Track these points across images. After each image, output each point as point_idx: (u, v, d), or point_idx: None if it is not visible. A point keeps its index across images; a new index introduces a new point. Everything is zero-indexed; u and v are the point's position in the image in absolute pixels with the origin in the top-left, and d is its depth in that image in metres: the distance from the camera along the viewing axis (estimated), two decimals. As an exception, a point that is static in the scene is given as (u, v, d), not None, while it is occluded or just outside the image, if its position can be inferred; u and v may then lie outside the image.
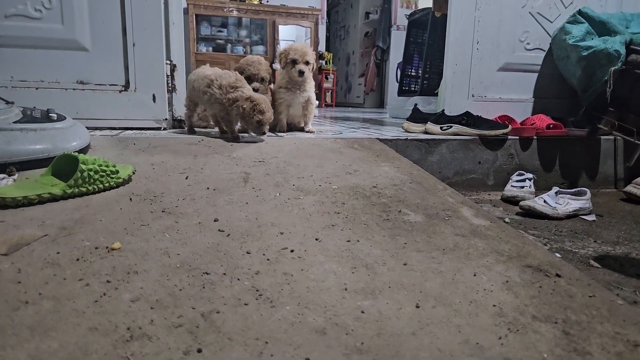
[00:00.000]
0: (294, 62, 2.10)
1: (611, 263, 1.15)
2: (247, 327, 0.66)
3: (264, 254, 0.90)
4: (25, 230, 0.93)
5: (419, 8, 5.30)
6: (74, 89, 1.96)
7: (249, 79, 2.05)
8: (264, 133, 1.77)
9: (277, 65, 2.29)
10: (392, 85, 6.54)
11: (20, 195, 1.04)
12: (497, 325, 0.70)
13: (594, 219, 1.63)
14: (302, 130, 2.34)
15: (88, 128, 1.72)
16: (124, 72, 2.01)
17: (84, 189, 1.13)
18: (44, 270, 0.79)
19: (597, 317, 0.74)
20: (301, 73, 2.09)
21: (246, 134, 1.98)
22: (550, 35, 2.48)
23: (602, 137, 2.25)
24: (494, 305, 0.75)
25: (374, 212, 1.17)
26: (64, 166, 1.17)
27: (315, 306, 0.73)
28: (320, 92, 7.16)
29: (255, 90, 2.03)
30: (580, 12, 2.25)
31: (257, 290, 0.76)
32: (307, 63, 2.11)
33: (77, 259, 0.83)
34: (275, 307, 0.72)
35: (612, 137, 2.26)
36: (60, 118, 1.43)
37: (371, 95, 7.54)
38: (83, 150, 1.45)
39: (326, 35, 8.06)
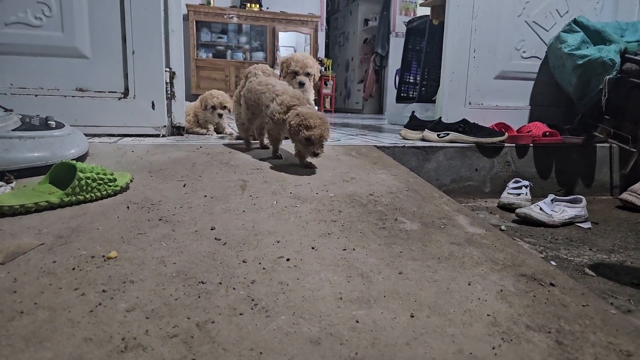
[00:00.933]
0: (295, 73, 2.11)
1: (606, 271, 1.16)
2: (242, 338, 0.67)
3: (260, 263, 0.90)
4: (22, 238, 0.94)
5: (417, 16, 5.34)
6: (73, 96, 1.97)
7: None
8: (316, 154, 1.44)
9: (276, 72, 2.30)
10: (391, 92, 6.57)
11: (18, 203, 1.05)
12: (491, 335, 0.70)
13: (590, 226, 1.64)
14: (300, 137, 2.34)
15: (87, 135, 1.73)
16: (123, 79, 2.02)
17: (81, 197, 1.13)
18: (39, 280, 0.79)
19: (591, 326, 0.74)
20: (301, 85, 2.11)
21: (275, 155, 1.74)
22: (546, 44, 2.50)
23: (597, 144, 2.27)
24: (488, 315, 0.76)
25: (371, 220, 1.17)
26: (62, 174, 1.17)
27: (310, 316, 0.73)
28: (319, 98, 7.18)
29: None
30: (575, 21, 2.28)
31: (252, 300, 0.77)
32: (307, 74, 2.12)
33: (73, 268, 0.83)
34: (270, 317, 0.72)
35: (607, 145, 2.27)
36: (59, 126, 1.43)
37: (370, 101, 7.57)
38: (81, 158, 1.46)
39: (325, 41, 8.10)
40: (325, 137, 1.42)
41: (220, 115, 2.40)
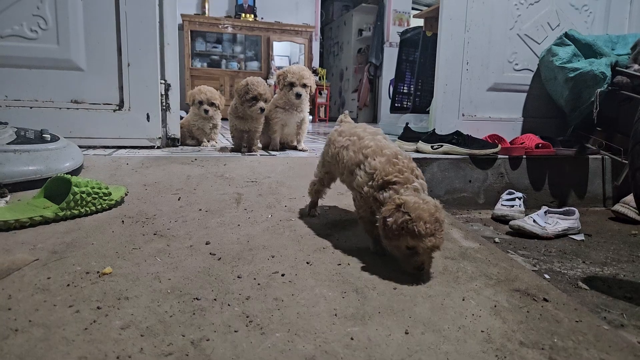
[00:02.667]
0: (292, 84, 2.13)
1: (599, 285, 1.17)
2: (237, 355, 0.67)
3: (254, 279, 0.90)
4: (17, 254, 0.93)
5: (410, 26, 5.39)
6: (68, 108, 1.97)
7: (255, 99, 2.02)
8: (420, 269, 0.94)
9: (271, 81, 2.32)
10: (385, 101, 6.61)
11: (12, 218, 1.04)
12: (485, 352, 0.71)
13: (583, 238, 1.65)
14: (295, 148, 2.36)
15: (81, 147, 1.73)
16: (118, 91, 2.03)
17: (76, 212, 1.13)
18: (34, 297, 0.79)
19: (584, 342, 0.75)
20: (298, 96, 2.13)
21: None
22: (538, 57, 2.53)
23: (590, 156, 2.29)
24: (482, 331, 0.76)
25: (365, 234, 1.17)
26: (57, 188, 1.17)
27: (305, 333, 0.73)
28: (314, 108, 7.21)
29: (262, 110, 2.03)
30: (566, 35, 2.31)
31: (247, 317, 0.77)
32: (304, 86, 2.14)
33: (68, 285, 0.83)
34: (265, 334, 0.72)
35: (599, 157, 2.30)
36: (54, 139, 1.43)
37: (364, 111, 7.60)
38: (76, 171, 1.46)
39: (320, 51, 8.15)
40: (439, 247, 0.92)
41: (206, 111, 2.35)
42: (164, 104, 2.12)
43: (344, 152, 1.10)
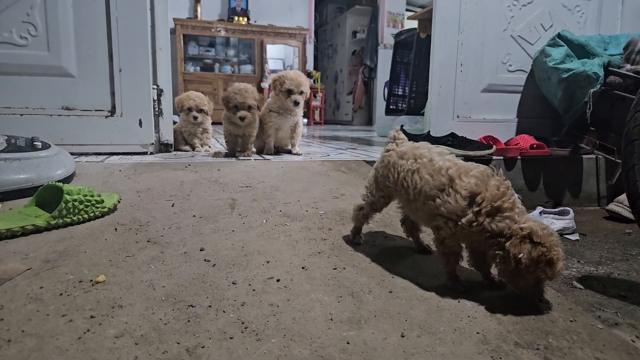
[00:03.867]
0: (290, 92, 2.13)
1: (594, 284, 1.17)
2: (232, 363, 0.66)
3: (249, 284, 0.90)
4: (8, 264, 0.92)
5: (405, 28, 5.42)
6: (59, 115, 1.96)
7: (236, 108, 2.04)
8: (540, 297, 0.87)
9: (264, 84, 2.32)
10: (380, 103, 6.63)
11: (4, 227, 1.03)
12: (480, 353, 0.71)
13: (578, 238, 1.66)
14: (289, 152, 2.35)
15: (73, 154, 1.72)
16: (110, 97, 2.02)
17: (68, 220, 1.12)
18: (27, 306, 0.78)
19: (578, 342, 0.75)
20: (296, 104, 2.14)
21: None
22: (531, 58, 2.55)
23: (584, 156, 2.30)
24: (478, 333, 0.76)
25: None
26: (49, 196, 1.16)
27: (301, 338, 0.73)
28: (308, 111, 7.22)
29: (242, 118, 2.03)
30: (559, 36, 2.32)
31: (242, 323, 0.76)
32: (301, 93, 2.15)
33: (61, 294, 0.82)
34: (260, 340, 0.72)
35: (594, 156, 2.31)
36: (45, 146, 1.42)
37: (359, 113, 7.62)
38: (68, 179, 1.45)
39: (314, 53, 8.17)
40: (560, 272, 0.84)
41: (195, 118, 2.34)
42: (157, 109, 2.11)
43: (415, 177, 0.96)
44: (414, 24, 3.61)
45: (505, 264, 0.82)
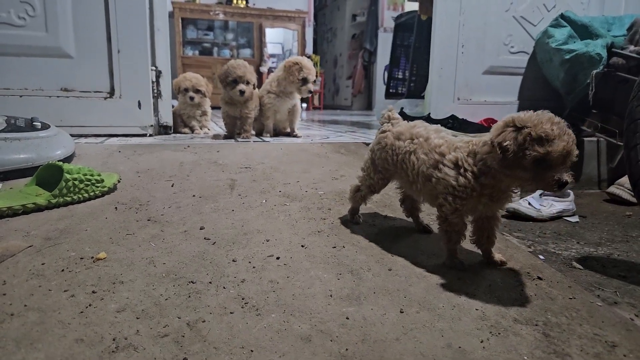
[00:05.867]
0: (305, 80, 2.14)
1: (593, 264, 1.18)
2: (233, 336, 0.67)
3: (249, 262, 0.90)
4: (10, 241, 0.93)
5: (405, 11, 5.35)
6: (58, 97, 1.95)
7: (235, 82, 2.03)
8: (561, 184, 0.80)
9: (263, 69, 2.32)
10: (380, 87, 6.57)
11: (5, 206, 1.03)
12: (479, 329, 0.71)
13: (577, 220, 1.66)
14: (288, 135, 2.34)
15: (73, 135, 1.71)
16: (108, 78, 2.00)
17: (68, 199, 1.12)
18: (29, 282, 0.78)
19: (577, 318, 0.76)
20: (310, 92, 2.18)
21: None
22: (533, 39, 2.52)
23: (585, 138, 2.29)
24: (477, 309, 0.77)
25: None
26: (49, 175, 1.16)
27: (300, 313, 0.73)
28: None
29: (242, 92, 2.02)
30: (562, 16, 2.29)
31: (242, 299, 0.77)
32: (314, 82, 2.17)
33: (62, 270, 0.83)
34: (260, 315, 0.72)
35: (595, 139, 2.30)
36: (45, 127, 1.42)
37: (359, 97, 7.57)
38: (68, 159, 1.44)
39: (313, 37, 8.07)
40: (573, 152, 0.80)
41: (192, 98, 2.34)
42: (155, 91, 2.09)
43: (412, 158, 0.96)
44: (415, 6, 3.56)
45: (494, 157, 0.81)
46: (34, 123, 1.40)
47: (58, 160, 1.21)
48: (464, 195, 0.87)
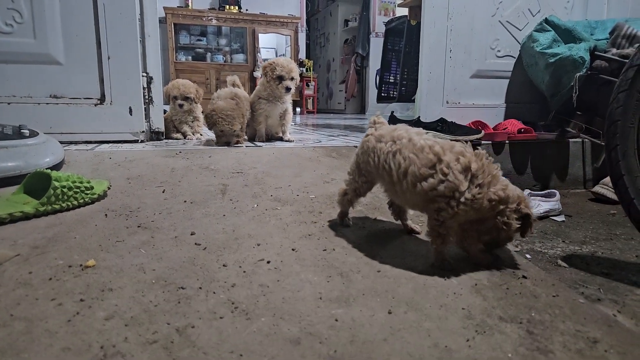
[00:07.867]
0: (281, 78, 2.13)
1: (578, 262, 1.20)
2: (222, 341, 0.67)
3: (240, 266, 0.91)
4: (-3, 250, 0.92)
5: (396, 16, 5.38)
6: (47, 103, 1.94)
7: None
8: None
9: (257, 74, 2.33)
10: (373, 91, 6.60)
11: (-8, 214, 1.03)
12: (465, 327, 0.72)
13: (564, 219, 1.69)
14: (280, 139, 2.35)
15: (63, 142, 1.71)
16: (99, 85, 2.00)
17: (57, 207, 1.12)
18: (15, 291, 0.78)
19: (560, 316, 0.77)
20: (288, 90, 2.15)
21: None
22: (519, 43, 2.55)
23: (570, 140, 2.33)
24: (463, 309, 0.78)
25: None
26: (37, 183, 1.16)
27: (290, 316, 0.74)
28: (301, 99, 7.19)
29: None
30: (546, 21, 2.33)
31: (232, 303, 0.77)
32: (292, 79, 2.15)
33: (50, 278, 0.83)
34: (250, 319, 0.73)
35: (580, 140, 2.33)
36: (33, 134, 1.41)
37: (352, 102, 7.60)
38: (57, 166, 1.44)
39: (306, 42, 8.11)
40: None
41: (180, 106, 2.36)
42: (147, 97, 2.10)
43: (398, 158, 0.95)
44: (405, 11, 3.60)
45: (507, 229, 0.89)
46: (22, 130, 1.40)
47: (47, 168, 1.21)
48: (470, 204, 0.87)
